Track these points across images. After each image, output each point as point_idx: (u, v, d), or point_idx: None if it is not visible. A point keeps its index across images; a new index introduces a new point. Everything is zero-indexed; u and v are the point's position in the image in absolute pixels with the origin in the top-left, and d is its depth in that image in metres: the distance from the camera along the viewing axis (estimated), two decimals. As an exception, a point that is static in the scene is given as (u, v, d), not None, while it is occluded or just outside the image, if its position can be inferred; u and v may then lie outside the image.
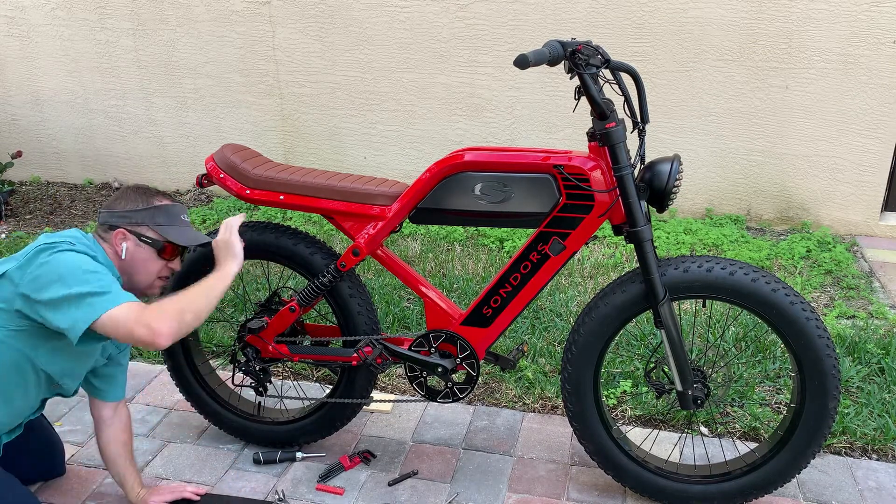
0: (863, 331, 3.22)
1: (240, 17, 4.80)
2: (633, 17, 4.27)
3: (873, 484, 2.40)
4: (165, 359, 2.56)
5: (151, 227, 2.04)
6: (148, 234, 2.03)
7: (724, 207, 4.56)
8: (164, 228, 2.05)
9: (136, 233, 2.02)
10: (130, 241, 2.02)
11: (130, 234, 2.02)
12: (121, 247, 2.01)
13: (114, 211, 2.03)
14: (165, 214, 2.06)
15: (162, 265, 2.07)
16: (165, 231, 2.05)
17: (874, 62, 4.05)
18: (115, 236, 2.02)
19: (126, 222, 2.02)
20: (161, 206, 2.06)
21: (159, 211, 2.05)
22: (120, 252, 2.01)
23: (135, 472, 2.24)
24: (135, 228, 2.02)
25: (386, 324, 3.33)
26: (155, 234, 2.04)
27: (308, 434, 2.52)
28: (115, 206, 2.04)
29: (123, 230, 2.02)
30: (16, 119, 5.45)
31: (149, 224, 2.03)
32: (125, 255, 2.02)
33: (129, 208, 2.03)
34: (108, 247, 2.03)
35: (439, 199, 2.14)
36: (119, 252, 2.01)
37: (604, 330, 2.13)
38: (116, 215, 2.03)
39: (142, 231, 2.03)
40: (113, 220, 2.02)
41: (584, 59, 1.90)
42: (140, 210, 2.03)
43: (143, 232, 2.03)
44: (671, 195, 2.02)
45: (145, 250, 2.04)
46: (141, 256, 2.03)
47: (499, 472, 2.46)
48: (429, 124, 4.78)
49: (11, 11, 5.13)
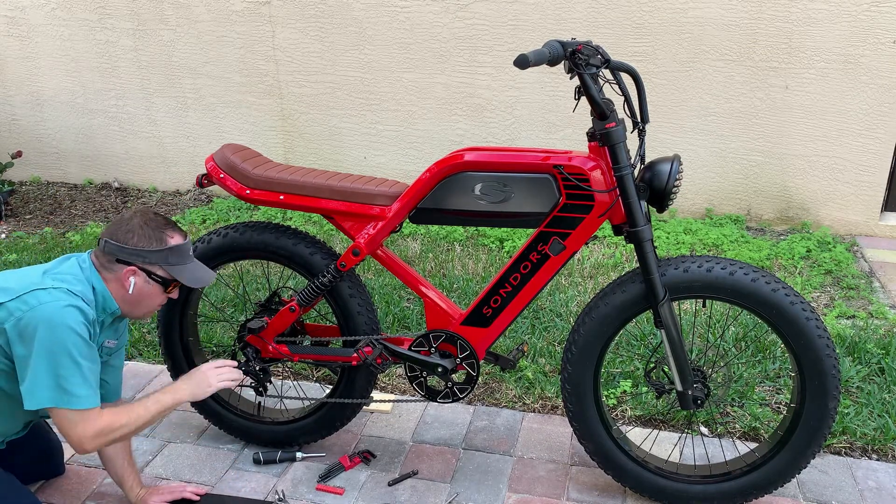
0: (863, 331, 3.22)
1: (240, 17, 4.80)
2: (633, 17, 4.27)
3: (873, 484, 2.40)
4: (165, 359, 2.56)
5: (164, 268, 2.03)
6: (159, 274, 2.04)
7: (724, 207, 4.56)
8: (175, 269, 2.04)
9: (147, 271, 2.02)
10: (140, 277, 2.02)
11: (142, 272, 2.02)
12: (129, 282, 2.01)
13: (125, 247, 1.99)
14: (178, 254, 2.05)
15: (164, 298, 2.10)
16: (178, 272, 2.05)
17: (874, 62, 4.05)
18: (125, 273, 2.00)
19: (139, 261, 2.00)
20: (175, 248, 2.04)
21: (173, 252, 2.03)
22: (128, 287, 2.01)
23: (134, 472, 2.24)
24: (147, 267, 2.02)
25: (386, 324, 3.33)
26: (166, 274, 2.04)
27: (308, 434, 2.52)
28: (126, 241, 1.99)
29: (136, 268, 2.01)
30: (16, 119, 5.45)
31: (161, 264, 2.03)
32: (133, 291, 2.02)
33: (142, 247, 2.00)
34: (113, 279, 2.01)
35: (439, 199, 2.13)
36: (127, 287, 2.01)
37: (604, 330, 2.13)
38: (128, 252, 1.99)
39: (154, 270, 2.03)
40: (124, 255, 1.99)
41: (584, 59, 1.90)
42: (155, 251, 2.01)
43: (154, 271, 2.03)
44: (671, 195, 2.02)
45: (153, 287, 2.05)
46: (148, 292, 2.05)
47: (499, 472, 2.46)
48: (429, 124, 4.78)
49: (11, 11, 5.13)
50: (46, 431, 2.38)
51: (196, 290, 2.49)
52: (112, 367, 2.22)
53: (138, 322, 3.38)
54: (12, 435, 2.13)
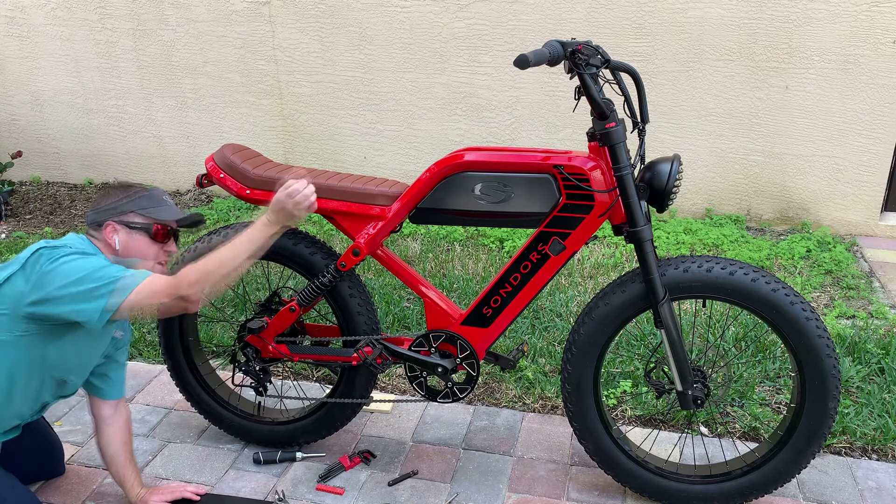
0: (863, 331, 3.22)
1: (240, 17, 4.80)
2: (633, 17, 4.27)
3: (873, 484, 2.40)
4: (165, 359, 2.56)
5: (138, 213, 2.07)
6: (136, 221, 2.07)
7: (724, 207, 4.56)
8: (149, 210, 2.08)
9: (124, 222, 2.06)
10: (121, 231, 2.05)
11: (119, 224, 2.05)
12: (113, 239, 2.05)
13: (98, 208, 2.07)
14: (148, 198, 2.10)
15: (157, 249, 2.10)
16: (152, 212, 2.08)
17: (874, 62, 4.05)
18: (105, 231, 2.05)
19: (113, 214, 2.05)
20: (142, 192, 2.10)
21: (142, 196, 2.09)
22: (113, 244, 2.05)
23: (135, 471, 2.24)
24: (122, 218, 2.06)
25: (386, 324, 3.33)
26: (142, 219, 2.08)
27: (308, 434, 2.52)
28: (99, 204, 2.08)
29: (112, 223, 2.05)
30: (16, 119, 5.45)
31: (134, 210, 2.07)
32: (119, 247, 2.05)
33: (111, 201, 2.07)
34: (101, 244, 2.06)
35: (439, 199, 2.14)
36: (113, 245, 2.05)
37: (604, 330, 2.13)
38: (101, 211, 2.06)
39: (130, 219, 2.06)
40: (99, 216, 2.06)
41: (584, 59, 1.90)
42: (123, 200, 2.07)
43: (130, 220, 2.06)
44: (671, 195, 2.02)
45: (138, 237, 2.07)
46: (135, 244, 2.07)
47: (499, 472, 2.46)
48: (429, 124, 4.78)
49: (11, 11, 5.13)
50: (47, 432, 2.38)
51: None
52: (116, 363, 2.24)
53: (138, 322, 3.38)
54: (29, 417, 2.14)
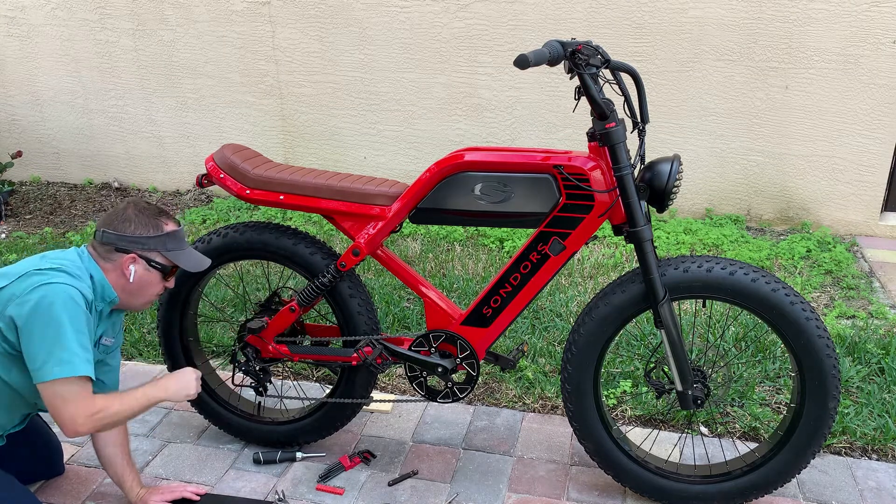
0: (863, 331, 3.22)
1: (240, 17, 4.80)
2: (633, 17, 4.27)
3: (873, 484, 2.40)
4: (165, 359, 2.56)
5: (162, 254, 2.06)
6: (158, 260, 2.06)
7: (724, 207, 4.56)
8: (173, 254, 2.07)
9: (147, 258, 2.05)
10: (140, 265, 2.04)
11: (142, 259, 2.04)
12: (129, 270, 2.03)
13: (123, 235, 2.02)
14: (175, 240, 2.09)
15: (161, 287, 2.12)
16: (176, 257, 2.08)
17: (874, 62, 4.05)
18: (125, 261, 2.03)
19: (138, 248, 2.03)
20: (171, 233, 2.08)
21: (170, 238, 2.07)
22: (128, 276, 2.04)
23: (133, 472, 2.24)
24: (146, 254, 2.04)
25: (386, 324, 3.33)
26: (165, 260, 2.07)
27: (308, 434, 2.52)
28: (124, 230, 2.03)
29: (135, 255, 2.03)
30: (16, 119, 5.45)
31: (160, 250, 2.05)
32: (133, 279, 2.05)
33: (139, 234, 2.03)
34: (113, 269, 2.04)
35: (439, 199, 2.13)
36: (127, 276, 2.04)
37: (604, 330, 2.13)
38: (127, 240, 2.02)
39: (152, 256, 2.05)
40: (123, 244, 2.02)
41: (584, 59, 1.90)
42: (153, 237, 2.04)
43: (153, 257, 2.06)
44: (671, 195, 2.02)
45: (154, 274, 2.07)
46: (148, 280, 2.07)
47: (499, 472, 2.46)
48: (429, 124, 4.78)
49: (11, 11, 5.13)
50: (46, 432, 2.38)
51: (196, 289, 2.49)
52: (109, 367, 2.22)
53: (138, 322, 3.38)
54: (10, 428, 2.13)
